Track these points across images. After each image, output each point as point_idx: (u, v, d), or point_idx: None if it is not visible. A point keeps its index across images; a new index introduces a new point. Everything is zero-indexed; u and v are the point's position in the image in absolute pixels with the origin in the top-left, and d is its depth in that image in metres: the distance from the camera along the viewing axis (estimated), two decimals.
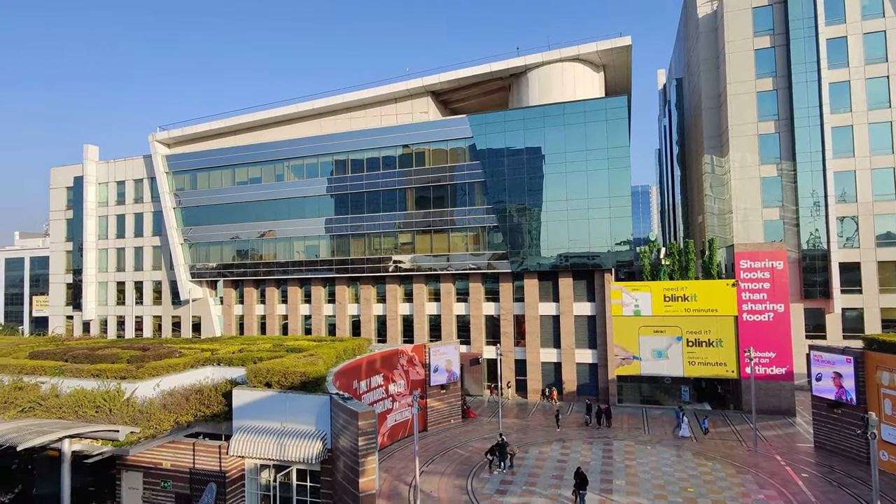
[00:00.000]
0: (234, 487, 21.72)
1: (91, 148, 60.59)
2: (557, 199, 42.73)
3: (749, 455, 28.87)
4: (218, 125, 54.94)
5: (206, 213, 54.54)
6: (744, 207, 45.21)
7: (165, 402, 22.04)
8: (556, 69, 47.47)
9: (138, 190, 59.32)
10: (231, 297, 55.24)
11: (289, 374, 21.93)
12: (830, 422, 29.01)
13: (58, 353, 27.97)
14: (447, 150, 46.05)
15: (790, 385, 36.94)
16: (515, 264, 43.53)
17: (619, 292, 40.61)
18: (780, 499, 23.06)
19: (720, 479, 25.57)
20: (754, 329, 37.40)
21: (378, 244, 48.13)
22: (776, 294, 37.31)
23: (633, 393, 41.71)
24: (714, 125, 48.94)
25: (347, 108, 52.13)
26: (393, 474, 26.74)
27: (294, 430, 21.06)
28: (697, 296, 38.77)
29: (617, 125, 41.70)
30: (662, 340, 39.37)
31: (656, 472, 26.44)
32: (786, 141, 44.42)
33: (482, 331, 45.61)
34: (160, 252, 58.05)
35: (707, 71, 49.77)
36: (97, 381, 23.41)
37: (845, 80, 43.51)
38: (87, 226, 60.15)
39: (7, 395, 23.47)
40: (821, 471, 26.31)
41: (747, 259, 37.82)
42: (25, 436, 18.90)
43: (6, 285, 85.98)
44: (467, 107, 55.29)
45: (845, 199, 43.31)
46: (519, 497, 23.75)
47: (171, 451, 22.34)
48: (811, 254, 43.23)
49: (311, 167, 50.53)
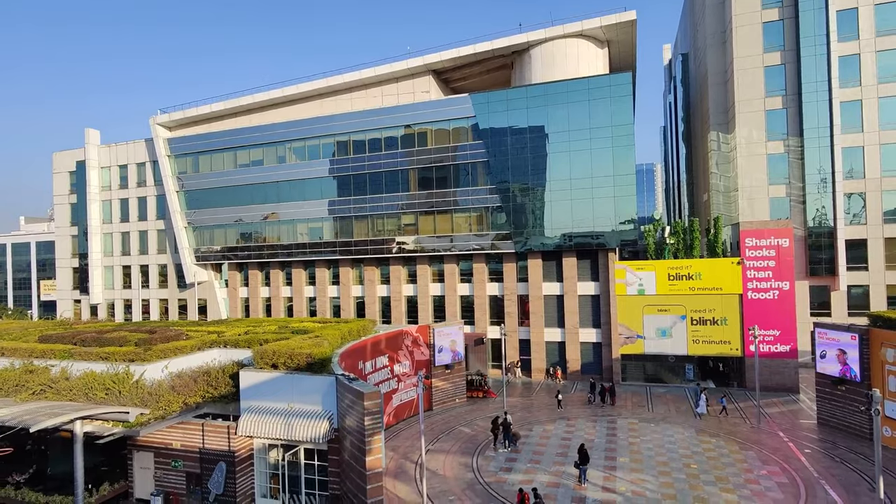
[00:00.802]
0: (243, 466, 22.09)
1: (92, 132, 60.37)
2: (561, 179, 42.42)
3: (752, 432, 29.10)
4: (219, 107, 54.56)
5: (210, 196, 54.51)
6: (750, 185, 44.79)
7: (174, 384, 22.30)
8: (559, 46, 46.70)
9: (141, 173, 59.24)
10: (236, 280, 55.52)
11: (295, 356, 22.11)
12: (834, 398, 29.14)
13: (67, 337, 28.27)
14: (449, 130, 45.64)
15: (794, 362, 37.04)
16: (519, 244, 43.45)
17: (623, 271, 40.55)
18: (783, 474, 23.30)
19: (723, 455, 25.82)
20: (759, 307, 37.36)
21: (381, 225, 48.07)
22: (781, 272, 37.17)
23: (636, 371, 41.94)
24: (720, 101, 48.23)
25: (348, 88, 51.60)
26: (399, 453, 27.12)
27: (301, 411, 21.32)
28: (702, 274, 38.69)
29: (621, 102, 41.13)
30: (666, 319, 39.43)
31: (660, 450, 26.71)
32: (793, 116, 43.78)
33: (486, 311, 45.76)
34: (164, 235, 58.23)
35: (714, 46, 48.86)
36: (106, 363, 23.68)
37: (855, 52, 42.63)
38: (91, 210, 60.28)
39: (18, 378, 23.80)
40: (824, 447, 26.51)
41: (753, 237, 37.60)
42: (38, 418, 19.21)
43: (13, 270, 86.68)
44: (469, 85, 54.60)
45: (853, 176, 42.82)
46: (524, 474, 24.08)
47: (180, 432, 22.69)
48: (817, 231, 42.94)
49: (312, 149, 50.25)
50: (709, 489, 22.03)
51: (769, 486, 22.23)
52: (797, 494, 21.38)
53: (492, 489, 22.72)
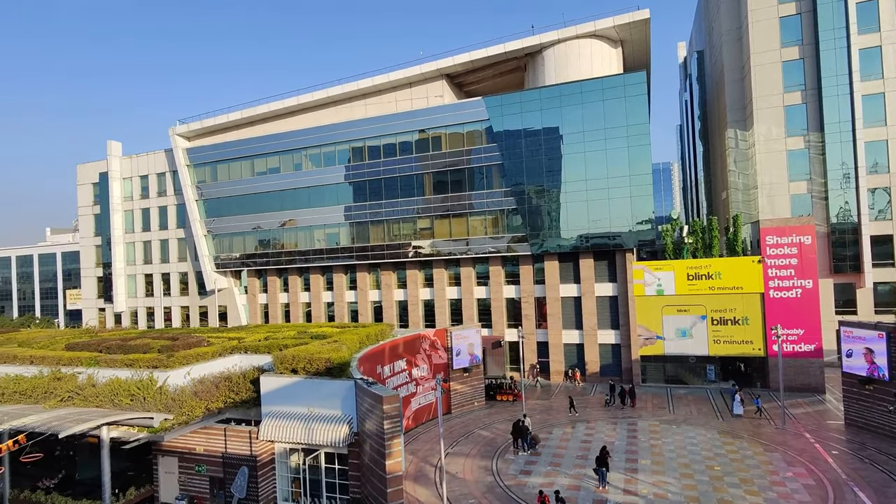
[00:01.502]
0: (265, 470, 22.35)
1: (114, 144, 61.80)
2: (576, 180, 42.21)
3: (777, 433, 28.55)
4: (235, 116, 55.45)
5: (228, 205, 55.37)
6: (769, 182, 44.07)
7: (196, 390, 22.68)
8: (572, 46, 46.56)
9: (161, 183, 60.44)
10: (255, 287, 56.24)
11: (314, 361, 22.34)
12: (861, 398, 28.46)
13: (92, 345, 28.94)
14: (463, 134, 45.75)
15: (819, 362, 36.26)
16: (535, 246, 43.31)
17: (641, 272, 40.16)
18: (810, 476, 22.83)
19: (747, 457, 25.38)
20: (782, 306, 36.69)
21: (397, 230, 48.32)
22: (804, 270, 36.47)
23: (656, 373, 41.45)
24: (737, 98, 47.58)
25: (363, 95, 52.05)
26: (419, 456, 27.18)
27: (321, 415, 21.51)
28: (722, 273, 38.14)
29: (636, 102, 40.82)
30: (686, 319, 38.92)
31: (682, 451, 26.36)
32: (813, 111, 43.00)
33: (503, 314, 45.67)
34: (185, 244, 59.27)
35: (729, 42, 48.26)
36: (130, 370, 24.18)
37: (876, 45, 41.76)
38: (114, 220, 61.65)
39: (47, 385, 24.42)
40: (851, 447, 25.90)
41: (774, 235, 36.97)
42: (66, 424, 19.69)
43: (40, 280, 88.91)
44: (483, 89, 54.70)
45: (877, 170, 41.87)
46: (544, 477, 23.96)
47: (203, 437, 23.05)
48: (841, 227, 42.04)
49: (328, 155, 50.77)
50: (733, 491, 21.67)
51: (795, 488, 21.79)
52: (825, 497, 20.93)
53: (511, 492, 22.65)
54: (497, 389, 38.03)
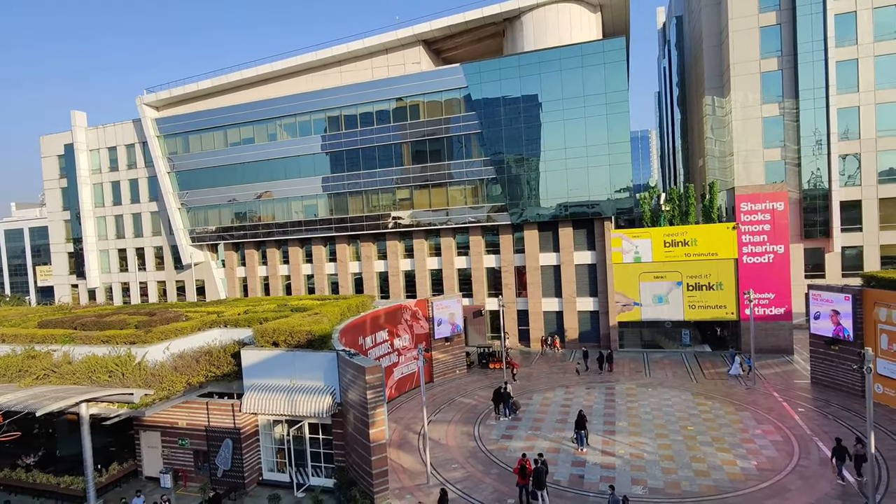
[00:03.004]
0: (249, 442, 22.48)
1: (78, 114, 59.32)
2: (556, 148, 42.11)
3: (747, 393, 29.69)
4: (206, 85, 53.55)
5: (202, 176, 53.98)
6: (745, 149, 44.62)
7: (176, 365, 22.49)
8: (551, 11, 45.74)
9: (131, 155, 58.47)
10: (233, 260, 55.46)
11: (295, 333, 22.27)
12: (827, 358, 29.67)
13: (66, 322, 28.33)
14: (442, 102, 45.02)
15: (789, 324, 37.56)
16: (515, 216, 43.40)
17: (619, 240, 40.67)
18: (777, 433, 23.89)
19: (719, 416, 26.40)
20: (754, 271, 37.67)
21: (376, 201, 47.84)
22: (776, 235, 37.35)
23: (634, 338, 42.49)
24: (715, 64, 47.62)
25: (338, 62, 50.62)
26: (402, 424, 27.62)
27: (303, 387, 21.59)
28: (698, 240, 38.85)
29: (615, 68, 40.54)
30: (663, 286, 39.75)
31: (657, 413, 27.28)
32: (789, 78, 43.35)
33: (484, 283, 45.99)
34: (159, 217, 57.84)
35: (708, 7, 47.99)
36: (107, 346, 23.81)
37: (852, 10, 42.01)
38: (83, 194, 59.68)
39: (21, 363, 23.94)
40: (817, 405, 27.11)
41: (748, 201, 37.64)
42: (43, 402, 19.39)
43: (8, 257, 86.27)
44: (461, 55, 53.65)
45: (848, 137, 42.68)
46: (524, 441, 24.61)
47: (185, 411, 23.00)
48: (812, 193, 43.01)
49: (304, 125, 49.58)
50: (705, 449, 22.60)
51: (764, 444, 22.82)
52: (791, 452, 21.97)
53: (493, 456, 23.25)
54: (490, 357, 38.49)
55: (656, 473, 20.76)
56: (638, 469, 21.23)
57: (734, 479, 19.89)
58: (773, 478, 19.89)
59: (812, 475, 19.93)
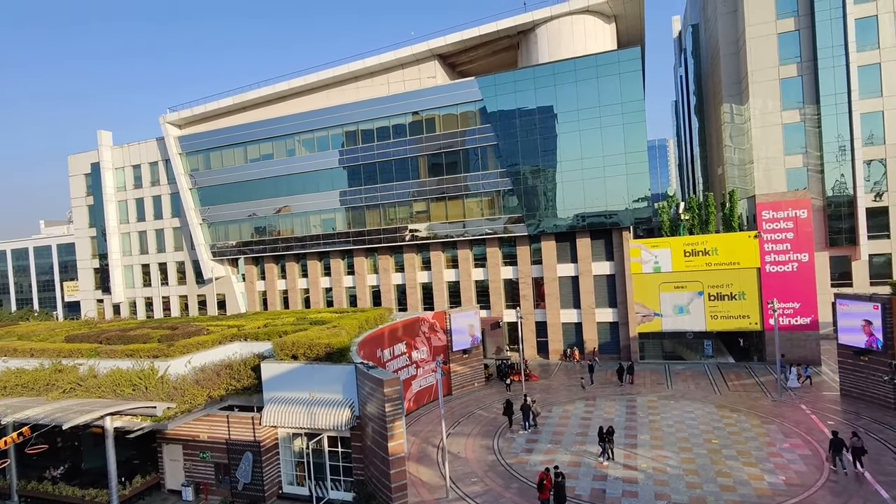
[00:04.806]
0: (269, 455, 22.59)
1: (105, 133, 61.09)
2: (572, 159, 42.01)
3: (773, 406, 28.94)
4: (226, 103, 54.79)
5: (222, 192, 55.03)
6: (765, 156, 43.97)
7: (198, 378, 22.77)
8: (565, 23, 45.93)
9: (154, 173, 59.94)
10: (253, 274, 56.21)
11: (314, 346, 22.41)
12: (857, 369, 28.81)
13: (92, 336, 28.93)
14: (457, 115, 45.35)
15: (815, 335, 36.61)
16: (532, 227, 43.28)
17: (637, 250, 40.24)
18: (806, 447, 23.19)
19: (745, 429, 25.74)
20: (778, 280, 36.90)
21: (393, 214, 48.17)
22: (800, 243, 36.59)
23: (654, 349, 41.82)
24: (733, 72, 47.20)
25: (354, 78, 51.43)
26: (421, 437, 27.49)
27: (322, 400, 21.67)
28: (718, 249, 38.25)
29: (631, 78, 40.45)
30: (683, 296, 39.15)
31: (680, 426, 26.72)
32: (809, 84, 42.74)
33: (501, 295, 45.81)
34: (181, 233, 59.03)
35: (725, 14, 47.69)
36: (131, 360, 24.22)
37: (873, 14, 41.37)
38: (108, 211, 61.26)
39: (49, 377, 24.48)
40: (847, 418, 26.29)
41: (770, 209, 37.00)
42: (69, 415, 19.79)
43: (37, 273, 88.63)
44: (476, 68, 54.06)
45: (873, 142, 41.80)
46: (545, 454, 24.29)
47: (206, 424, 23.23)
48: (836, 200, 42.11)
49: (321, 140, 50.34)
50: (731, 463, 22.03)
51: (792, 458, 22.17)
52: (820, 466, 21.30)
53: (513, 470, 22.98)
54: (510, 369, 38.22)
55: (680, 488, 20.28)
56: (661, 483, 20.77)
57: (762, 495, 19.33)
58: (803, 493, 19.28)
59: (843, 491, 19.27)
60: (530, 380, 37.24)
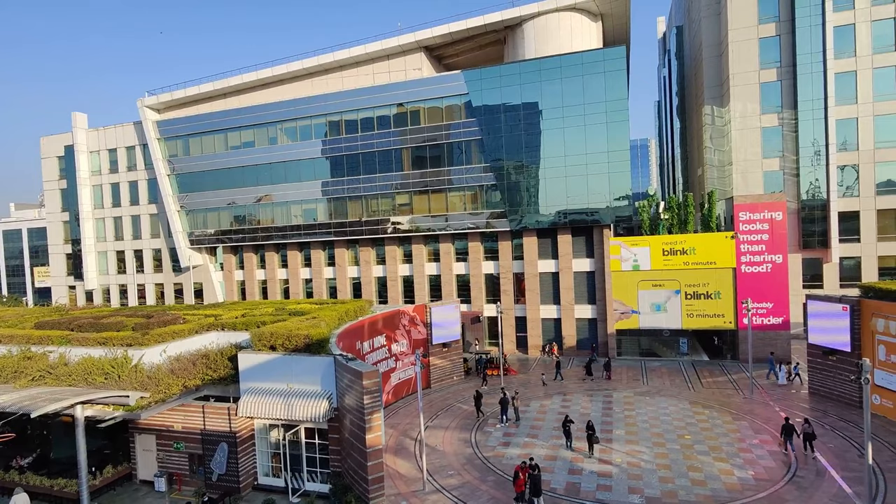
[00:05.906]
0: (245, 446, 22.35)
1: (79, 115, 59.40)
2: (555, 156, 42.23)
3: (745, 402, 29.64)
4: (208, 88, 53.72)
5: (202, 179, 54.02)
6: (744, 159, 44.79)
7: (173, 368, 22.40)
8: (552, 20, 46.03)
9: (131, 157, 58.54)
10: (231, 263, 55.41)
11: (292, 337, 22.21)
12: (825, 368, 29.65)
13: (63, 323, 28.25)
14: (442, 108, 45.18)
15: (787, 334, 37.56)
16: (514, 222, 43.45)
17: (617, 248, 40.72)
18: (774, 442, 23.82)
19: (717, 426, 26.33)
20: (752, 280, 37.71)
21: (376, 206, 47.88)
22: (775, 245, 37.42)
23: (631, 346, 42.46)
24: (715, 74, 47.88)
25: (339, 67, 50.85)
26: (399, 430, 27.51)
27: (300, 391, 21.51)
28: (696, 249, 38.91)
29: (615, 77, 40.75)
30: (661, 294, 39.76)
31: (655, 422, 27.20)
32: (787, 89, 43.59)
33: (482, 289, 45.97)
34: (158, 220, 57.83)
35: (708, 17, 48.31)
36: (104, 348, 23.71)
37: (851, 22, 42.31)
38: (82, 195, 59.69)
39: (17, 364, 23.82)
40: (814, 415, 27.05)
41: (746, 211, 37.74)
42: (38, 403, 19.28)
43: (6, 257, 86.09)
44: (462, 62, 53.91)
45: (846, 148, 42.87)
46: (522, 448, 24.51)
47: (181, 414, 22.87)
48: (810, 204, 43.14)
49: (304, 129, 49.69)
50: (703, 458, 22.52)
51: (761, 454, 22.75)
52: (788, 461, 21.91)
53: (490, 463, 23.15)
54: (488, 364, 38.38)
55: (653, 482, 20.67)
56: (634, 478, 21.15)
57: (731, 489, 19.82)
58: (770, 488, 19.82)
59: (809, 486, 19.86)
60: (509, 374, 37.48)
